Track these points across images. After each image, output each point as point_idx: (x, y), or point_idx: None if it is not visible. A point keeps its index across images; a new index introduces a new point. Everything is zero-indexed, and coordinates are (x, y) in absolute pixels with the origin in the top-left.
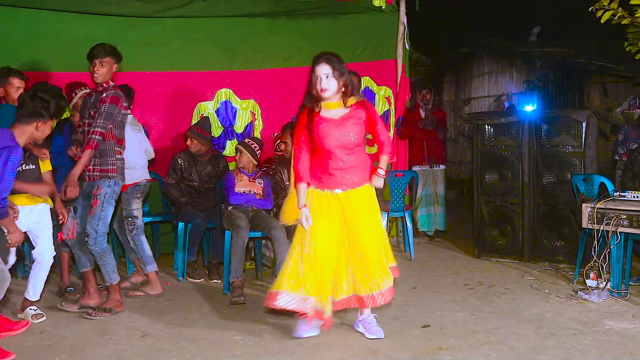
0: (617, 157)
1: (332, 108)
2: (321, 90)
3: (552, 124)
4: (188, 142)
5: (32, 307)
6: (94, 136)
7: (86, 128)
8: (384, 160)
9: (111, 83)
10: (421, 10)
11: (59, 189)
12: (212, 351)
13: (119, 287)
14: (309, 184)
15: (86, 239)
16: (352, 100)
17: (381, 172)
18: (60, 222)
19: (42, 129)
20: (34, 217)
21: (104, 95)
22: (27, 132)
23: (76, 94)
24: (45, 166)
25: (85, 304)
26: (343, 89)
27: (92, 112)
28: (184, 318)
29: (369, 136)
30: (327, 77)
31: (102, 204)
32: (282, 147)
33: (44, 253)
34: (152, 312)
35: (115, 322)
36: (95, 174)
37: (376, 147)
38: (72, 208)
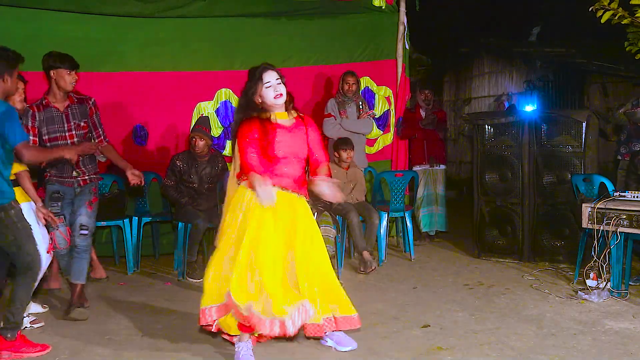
0: (619, 157)
1: (283, 117)
2: (278, 95)
3: (552, 124)
4: (194, 142)
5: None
6: (109, 144)
7: (70, 140)
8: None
9: (71, 92)
10: (421, 10)
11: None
12: (212, 351)
13: None
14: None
15: (85, 232)
16: (294, 113)
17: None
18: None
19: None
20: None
21: (91, 104)
22: None
23: None
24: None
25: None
26: (287, 98)
27: (81, 124)
28: (184, 318)
29: (370, 136)
30: (279, 82)
31: (98, 201)
32: None
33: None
34: (152, 312)
35: (115, 322)
36: (92, 176)
37: (378, 145)
38: (62, 216)
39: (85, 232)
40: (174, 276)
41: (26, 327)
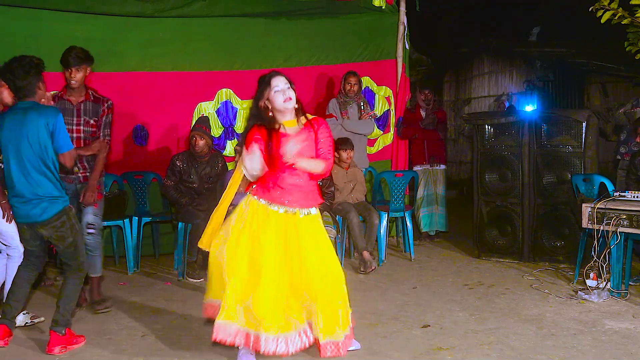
0: (619, 157)
1: (290, 126)
2: (288, 99)
3: (552, 124)
4: (195, 141)
5: (23, 312)
6: (108, 145)
7: (77, 135)
8: (312, 161)
9: (90, 89)
10: (421, 10)
11: None
12: (212, 351)
13: None
14: (253, 191)
15: (92, 230)
16: (303, 120)
17: (297, 159)
18: None
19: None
20: None
21: (106, 107)
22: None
23: None
24: None
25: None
26: (296, 105)
27: (91, 121)
28: (184, 318)
29: (370, 136)
30: (288, 87)
31: (103, 198)
32: None
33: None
34: (152, 312)
35: (115, 322)
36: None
37: (378, 145)
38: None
39: (92, 230)
40: (174, 276)
41: (27, 323)
